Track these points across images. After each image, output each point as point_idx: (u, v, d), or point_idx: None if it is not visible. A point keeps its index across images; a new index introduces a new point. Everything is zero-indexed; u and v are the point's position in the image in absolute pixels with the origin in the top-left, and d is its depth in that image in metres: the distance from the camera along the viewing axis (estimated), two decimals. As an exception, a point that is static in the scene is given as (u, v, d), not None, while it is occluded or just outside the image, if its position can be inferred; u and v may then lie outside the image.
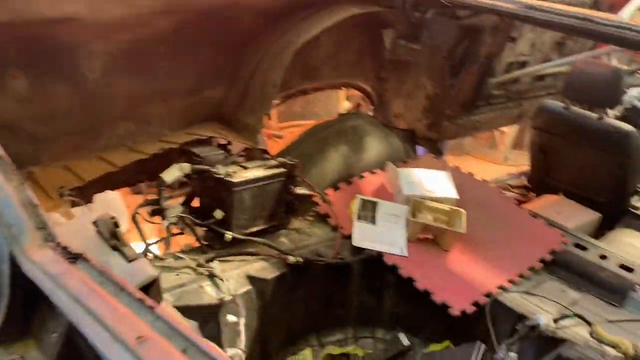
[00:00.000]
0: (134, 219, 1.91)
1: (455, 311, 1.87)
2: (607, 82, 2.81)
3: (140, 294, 0.91)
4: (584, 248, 2.26)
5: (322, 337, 2.14)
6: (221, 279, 1.73)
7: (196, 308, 1.62)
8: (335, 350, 2.03)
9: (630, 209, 3.00)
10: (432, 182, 2.39)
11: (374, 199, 2.28)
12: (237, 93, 2.46)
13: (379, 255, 2.07)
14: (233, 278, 1.80)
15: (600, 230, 2.95)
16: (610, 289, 2.03)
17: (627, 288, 2.01)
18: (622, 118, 3.13)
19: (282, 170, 2.10)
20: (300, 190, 2.22)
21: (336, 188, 2.40)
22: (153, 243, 1.94)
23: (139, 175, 2.25)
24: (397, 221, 2.21)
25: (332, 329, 2.17)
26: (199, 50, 2.29)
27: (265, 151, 2.37)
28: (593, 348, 1.70)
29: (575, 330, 1.75)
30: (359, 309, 2.19)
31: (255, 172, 2.06)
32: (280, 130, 4.65)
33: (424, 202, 2.24)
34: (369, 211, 2.23)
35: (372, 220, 2.20)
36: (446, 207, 2.23)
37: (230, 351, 1.49)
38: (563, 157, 3.19)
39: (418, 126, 3.08)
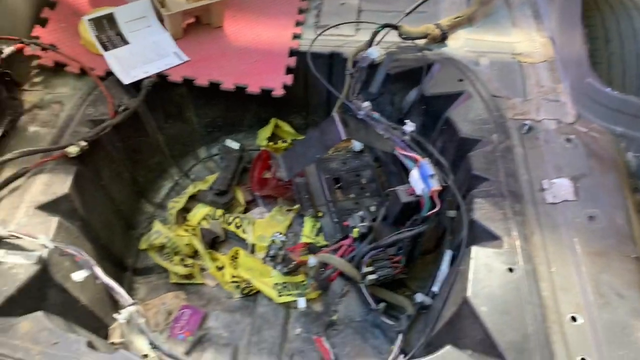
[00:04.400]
0: None
1: (278, 91, 1.62)
2: None
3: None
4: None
5: (153, 199, 1.78)
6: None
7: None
8: (180, 203, 1.72)
9: None
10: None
11: (105, 11, 1.67)
12: None
13: (161, 76, 1.62)
14: (22, 220, 1.24)
15: None
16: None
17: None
18: None
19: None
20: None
21: (43, 22, 1.69)
22: None
23: None
24: (150, 23, 1.69)
25: (157, 184, 1.81)
26: None
27: None
28: (418, 49, 1.67)
29: (387, 39, 1.67)
30: (171, 144, 1.82)
31: None
32: None
33: (165, -17, 1.71)
34: (108, 30, 1.65)
35: (122, 39, 1.65)
36: (190, -25, 1.75)
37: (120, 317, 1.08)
38: None
39: None
